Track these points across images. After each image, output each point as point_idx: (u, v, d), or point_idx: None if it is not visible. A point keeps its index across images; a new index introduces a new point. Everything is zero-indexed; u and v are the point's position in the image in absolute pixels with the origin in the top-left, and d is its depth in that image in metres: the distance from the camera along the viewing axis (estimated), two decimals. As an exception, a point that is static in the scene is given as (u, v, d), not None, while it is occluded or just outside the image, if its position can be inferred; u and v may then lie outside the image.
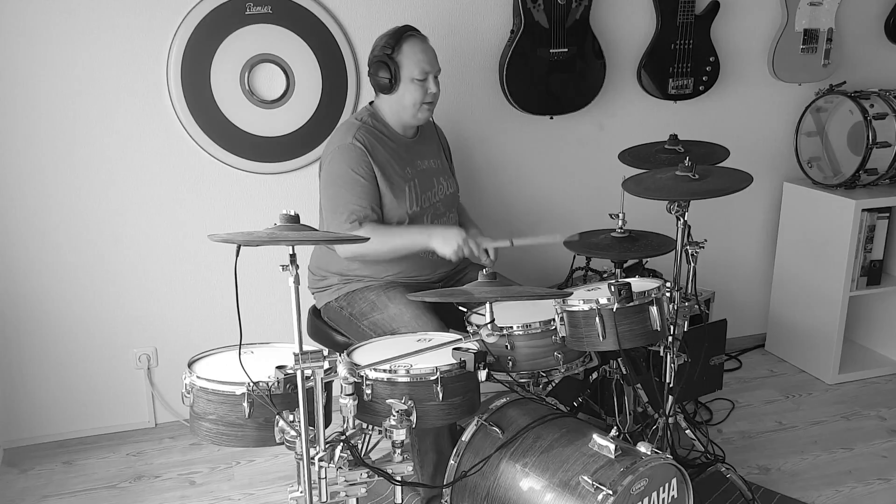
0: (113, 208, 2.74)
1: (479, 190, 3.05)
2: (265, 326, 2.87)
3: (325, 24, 2.75)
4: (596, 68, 3.01)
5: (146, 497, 2.54)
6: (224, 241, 1.51)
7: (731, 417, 2.98)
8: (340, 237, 2.00)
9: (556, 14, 2.87)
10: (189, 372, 1.73)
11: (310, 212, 2.39)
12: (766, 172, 3.42)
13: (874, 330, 3.50)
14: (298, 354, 1.54)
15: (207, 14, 2.63)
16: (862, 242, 3.13)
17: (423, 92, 2.36)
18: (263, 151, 2.80)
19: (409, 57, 2.33)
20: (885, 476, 2.60)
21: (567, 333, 2.07)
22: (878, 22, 3.40)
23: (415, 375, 1.73)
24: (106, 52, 2.61)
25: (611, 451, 1.80)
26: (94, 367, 2.85)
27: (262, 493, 2.55)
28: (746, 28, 3.24)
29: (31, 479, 2.65)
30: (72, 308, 2.78)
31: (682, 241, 2.17)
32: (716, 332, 2.82)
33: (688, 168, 2.14)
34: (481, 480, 1.95)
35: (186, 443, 2.86)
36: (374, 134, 2.38)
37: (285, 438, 1.63)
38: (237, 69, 2.71)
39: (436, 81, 2.38)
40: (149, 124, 2.70)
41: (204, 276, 2.87)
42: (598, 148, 3.16)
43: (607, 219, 2.50)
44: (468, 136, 3.00)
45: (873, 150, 3.05)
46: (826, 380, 3.27)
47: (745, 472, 2.59)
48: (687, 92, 3.15)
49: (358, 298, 2.40)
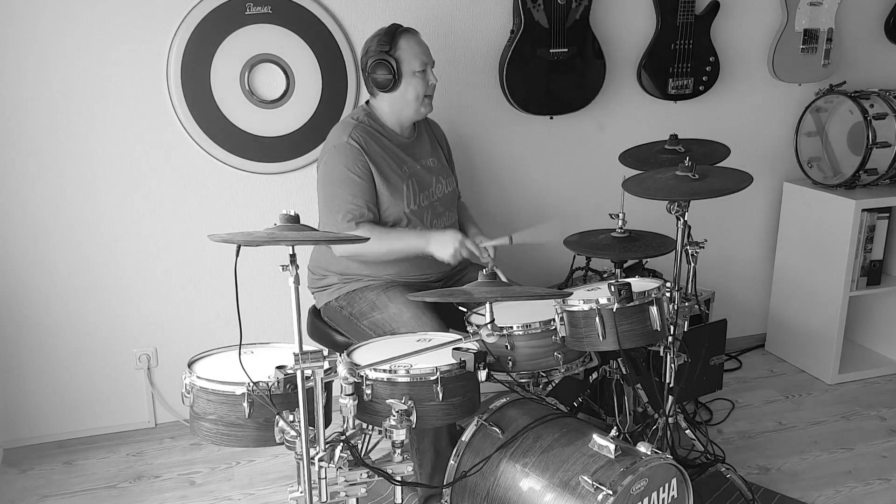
0: (113, 208, 2.74)
1: (478, 190, 3.05)
2: (265, 326, 2.87)
3: (325, 24, 2.75)
4: (596, 68, 3.01)
5: (146, 497, 2.54)
6: (224, 241, 1.51)
7: (731, 417, 2.98)
8: (340, 237, 2.00)
9: (556, 14, 2.87)
10: (189, 372, 1.73)
11: (310, 212, 2.39)
12: (766, 172, 3.42)
13: (874, 330, 3.50)
14: (298, 354, 1.54)
15: (207, 14, 2.64)
16: (862, 242, 3.13)
17: (425, 84, 2.40)
18: (263, 151, 2.80)
19: (407, 51, 2.36)
20: (885, 476, 2.60)
21: (567, 333, 2.07)
22: (878, 22, 3.40)
23: (415, 375, 1.73)
24: (106, 52, 2.61)
25: (611, 451, 1.80)
26: (94, 367, 2.85)
27: (262, 493, 2.55)
28: (746, 28, 3.24)
29: (31, 479, 2.65)
30: (72, 308, 2.78)
31: (682, 241, 2.17)
32: (716, 332, 2.82)
33: (688, 168, 2.14)
34: (481, 480, 1.95)
35: (186, 443, 2.86)
36: (370, 133, 2.39)
37: (285, 438, 1.63)
38: (237, 69, 2.71)
39: (433, 72, 2.43)
40: (149, 124, 2.70)
41: (204, 276, 2.87)
42: (598, 148, 3.16)
43: (607, 219, 2.50)
44: (468, 136, 3.00)
45: (873, 150, 3.05)
46: (826, 380, 3.27)
47: (745, 472, 2.59)
48: (687, 92, 3.15)
49: (358, 298, 2.40)
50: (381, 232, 2.33)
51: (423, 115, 2.47)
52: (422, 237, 2.34)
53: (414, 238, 2.35)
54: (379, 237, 2.30)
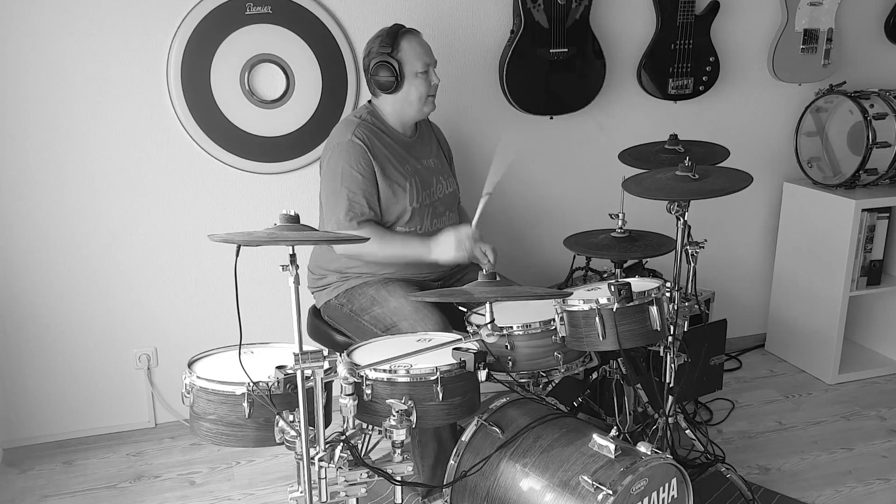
0: (113, 208, 2.74)
1: (478, 190, 3.03)
2: (265, 326, 2.87)
3: (325, 24, 2.75)
4: (596, 68, 3.01)
5: (146, 497, 2.54)
6: (224, 241, 1.51)
7: (731, 417, 2.98)
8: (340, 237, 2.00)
9: (556, 14, 2.87)
10: (189, 372, 1.73)
11: (310, 212, 2.39)
12: (766, 172, 3.42)
13: (874, 330, 3.50)
14: (298, 354, 1.54)
15: (207, 14, 2.63)
16: (862, 242, 3.13)
17: (428, 84, 2.40)
18: (263, 151, 2.80)
19: (410, 52, 2.36)
20: (885, 476, 2.60)
21: (567, 333, 2.07)
22: (878, 22, 3.40)
23: (415, 375, 1.73)
24: (106, 52, 2.61)
25: (611, 451, 1.80)
26: (94, 367, 2.85)
27: (262, 493, 2.55)
28: (746, 28, 3.24)
29: (31, 479, 2.65)
30: (72, 308, 2.78)
31: (682, 241, 2.17)
32: (716, 332, 2.82)
33: (688, 168, 2.14)
34: (481, 480, 1.95)
35: (186, 443, 2.86)
36: (373, 131, 2.39)
37: (285, 438, 1.63)
38: (237, 69, 2.71)
39: (435, 72, 2.43)
40: (149, 124, 2.70)
41: (204, 276, 2.87)
42: (598, 148, 3.16)
43: (607, 219, 2.50)
44: (468, 136, 3.00)
45: (873, 150, 3.05)
46: (826, 380, 3.27)
47: (745, 472, 2.59)
48: (687, 92, 3.15)
49: (357, 294, 2.40)
50: (383, 235, 2.33)
51: (425, 114, 2.47)
52: (424, 246, 2.34)
53: (417, 246, 2.34)
54: (381, 241, 2.30)
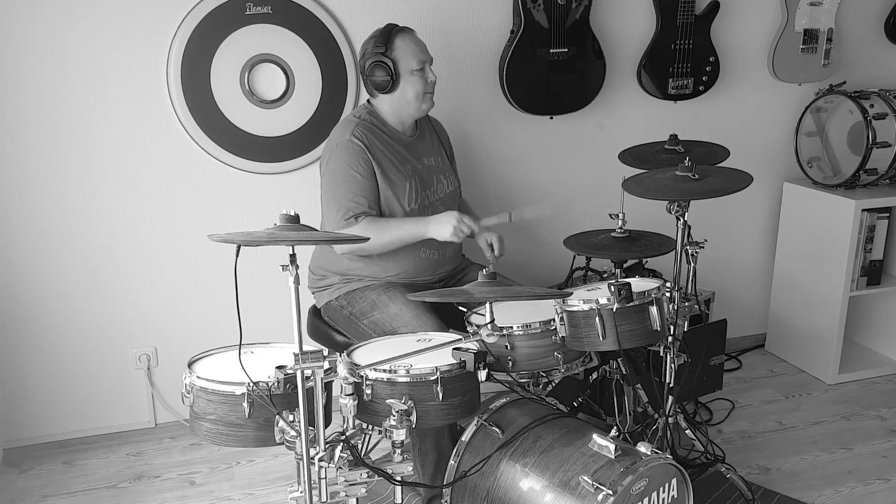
0: (113, 208, 2.74)
1: (479, 190, 3.05)
2: (265, 326, 2.87)
3: (325, 24, 2.75)
4: (596, 68, 3.01)
5: (146, 497, 2.54)
6: (224, 241, 1.51)
7: (731, 417, 2.98)
8: (340, 237, 2.00)
9: (556, 14, 2.87)
10: (189, 372, 1.73)
11: (310, 212, 2.39)
12: (766, 172, 3.42)
13: (874, 330, 3.50)
14: (298, 354, 1.54)
15: (207, 14, 2.63)
16: (862, 242, 3.13)
17: (424, 81, 2.39)
18: (263, 151, 2.80)
19: (404, 50, 2.36)
20: (885, 476, 2.60)
21: (567, 333, 2.07)
22: (878, 22, 3.40)
23: (415, 375, 1.73)
24: (106, 52, 2.61)
25: (611, 451, 1.80)
26: (94, 367, 2.85)
27: (262, 493, 2.55)
28: (746, 28, 3.24)
29: (31, 479, 2.65)
30: (72, 308, 2.78)
31: (682, 241, 2.17)
32: (716, 332, 2.82)
33: (688, 168, 2.14)
34: (481, 480, 1.95)
35: (186, 443, 2.86)
36: (373, 131, 2.39)
37: (285, 438, 1.63)
38: (237, 69, 2.71)
39: (431, 69, 2.42)
40: (149, 124, 2.70)
41: (204, 276, 2.87)
42: (598, 148, 3.16)
43: (607, 219, 2.50)
44: (468, 136, 3.00)
45: (873, 150, 3.05)
46: (826, 380, 3.27)
47: (745, 472, 2.59)
48: (687, 92, 3.15)
49: (358, 297, 2.40)
50: (379, 223, 2.33)
51: (424, 111, 2.47)
52: (420, 223, 2.34)
53: (413, 225, 2.35)
54: (378, 229, 2.30)
